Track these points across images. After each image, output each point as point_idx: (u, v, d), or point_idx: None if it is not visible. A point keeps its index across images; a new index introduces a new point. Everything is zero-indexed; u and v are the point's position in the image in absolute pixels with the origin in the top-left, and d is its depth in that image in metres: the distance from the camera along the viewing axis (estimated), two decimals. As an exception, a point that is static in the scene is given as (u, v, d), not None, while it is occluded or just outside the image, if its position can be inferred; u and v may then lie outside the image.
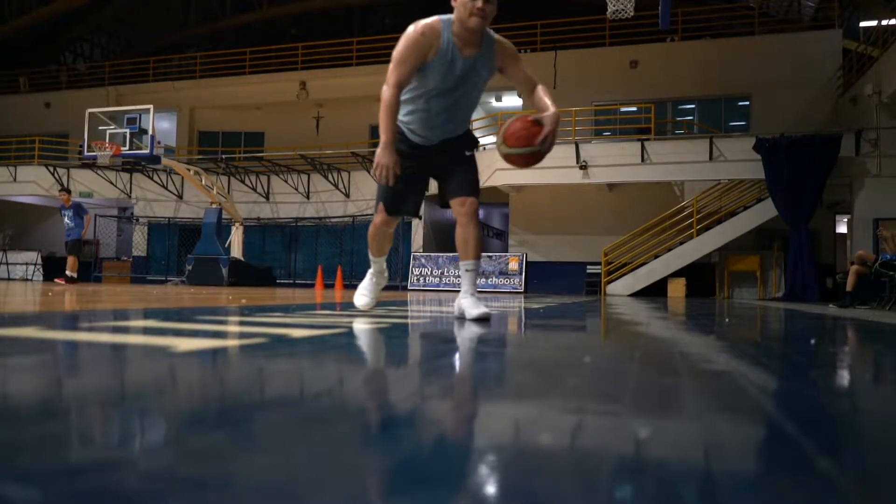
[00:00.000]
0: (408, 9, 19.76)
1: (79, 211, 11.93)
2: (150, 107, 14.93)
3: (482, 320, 2.98)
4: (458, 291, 3.19)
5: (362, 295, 3.52)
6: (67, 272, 11.90)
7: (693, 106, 17.63)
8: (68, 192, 12.24)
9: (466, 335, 2.46)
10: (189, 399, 1.04)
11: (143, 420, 0.86)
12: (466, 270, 3.17)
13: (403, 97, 3.05)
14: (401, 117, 3.12)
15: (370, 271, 3.56)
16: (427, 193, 3.40)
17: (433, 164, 3.23)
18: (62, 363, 1.38)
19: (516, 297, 10.77)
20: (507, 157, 3.03)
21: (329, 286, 16.05)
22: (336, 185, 18.64)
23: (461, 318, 3.11)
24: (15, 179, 19.38)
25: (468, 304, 3.11)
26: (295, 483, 0.59)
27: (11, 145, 20.45)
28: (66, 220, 11.95)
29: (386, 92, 2.91)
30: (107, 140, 14.88)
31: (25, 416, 0.84)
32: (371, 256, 3.53)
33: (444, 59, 2.91)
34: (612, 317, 4.41)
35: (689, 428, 0.92)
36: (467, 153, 3.25)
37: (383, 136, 2.93)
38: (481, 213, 3.44)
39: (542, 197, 16.84)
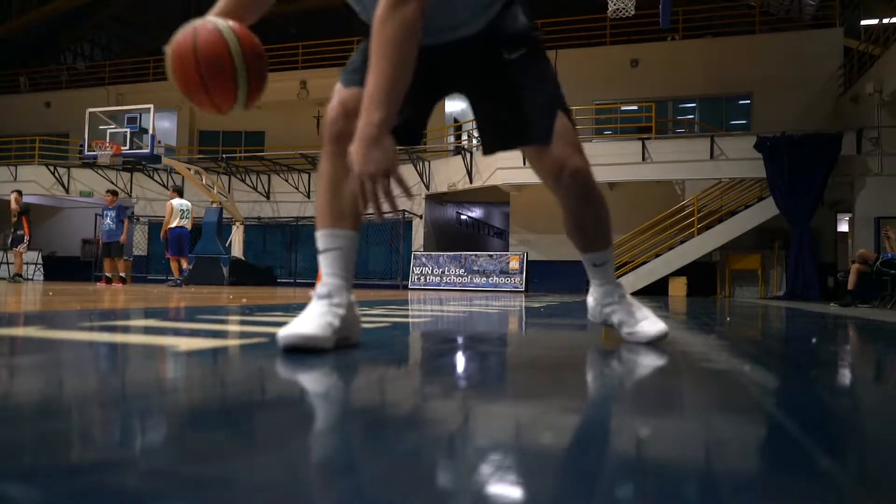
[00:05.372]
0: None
1: (121, 213, 11.85)
2: (151, 106, 14.91)
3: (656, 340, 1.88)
4: (458, 290, 2.39)
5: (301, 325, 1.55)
6: (121, 273, 11.75)
7: (694, 105, 17.62)
8: (114, 193, 12.16)
9: (467, 335, 2.46)
10: (189, 398, 1.04)
11: (142, 420, 0.86)
12: (594, 265, 1.93)
13: None
14: None
15: (316, 290, 1.62)
16: (427, 193, 2.29)
17: (447, 79, 1.78)
18: (62, 363, 1.38)
19: (517, 296, 10.76)
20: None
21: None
22: (337, 185, 18.62)
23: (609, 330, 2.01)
24: (15, 179, 19.34)
25: (623, 316, 1.91)
26: (296, 483, 0.59)
27: (12, 145, 20.45)
28: (107, 220, 11.78)
29: (394, 10, 1.43)
30: (107, 139, 14.88)
31: (26, 416, 0.84)
32: (319, 230, 1.67)
33: None
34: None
35: (690, 427, 0.92)
36: (510, 55, 1.69)
37: (377, 112, 1.43)
38: (480, 212, 2.30)
39: (542, 196, 16.75)
